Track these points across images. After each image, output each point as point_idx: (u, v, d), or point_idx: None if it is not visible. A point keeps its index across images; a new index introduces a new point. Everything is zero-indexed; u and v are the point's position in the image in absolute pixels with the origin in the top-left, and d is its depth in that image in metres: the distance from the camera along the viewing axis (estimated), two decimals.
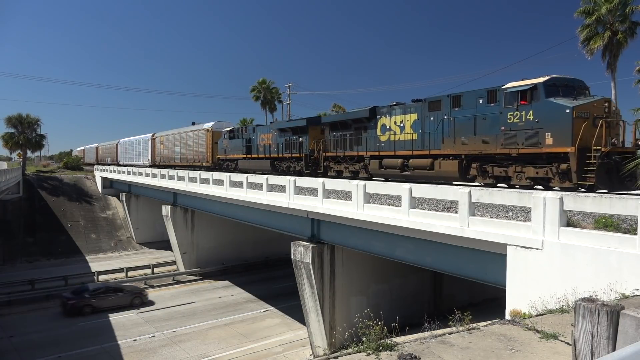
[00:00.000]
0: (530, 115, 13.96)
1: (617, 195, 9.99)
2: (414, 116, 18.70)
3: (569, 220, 9.78)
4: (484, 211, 12.24)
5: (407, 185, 13.37)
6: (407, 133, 18.90)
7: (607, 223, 9.24)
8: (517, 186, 14.57)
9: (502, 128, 14.74)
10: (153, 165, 48.14)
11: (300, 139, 25.84)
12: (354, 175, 21.90)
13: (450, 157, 16.80)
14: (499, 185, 15.38)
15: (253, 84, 60.31)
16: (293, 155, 26.34)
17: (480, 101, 15.71)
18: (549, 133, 13.40)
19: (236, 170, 32.19)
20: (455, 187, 13.53)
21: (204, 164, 38.62)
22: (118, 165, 57.84)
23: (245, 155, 31.53)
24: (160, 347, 20.81)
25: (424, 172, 17.72)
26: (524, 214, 11.32)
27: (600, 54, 29.19)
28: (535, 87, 13.89)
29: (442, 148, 17.09)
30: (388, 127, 20.02)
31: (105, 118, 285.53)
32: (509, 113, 14.55)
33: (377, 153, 20.42)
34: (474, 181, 16.24)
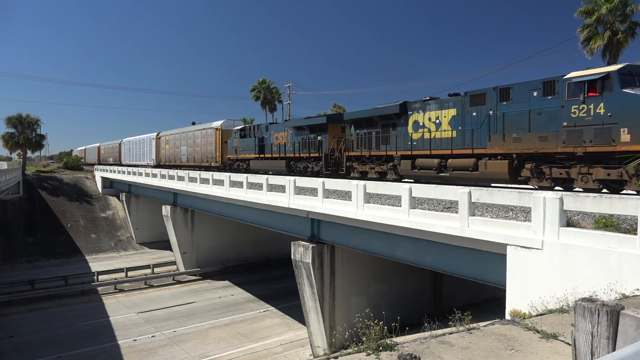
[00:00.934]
0: (600, 109, 12.22)
1: (617, 195, 9.98)
2: (452, 112, 16.95)
3: (569, 220, 9.78)
4: (484, 211, 12.24)
5: (406, 185, 13.36)
6: (445, 130, 17.14)
7: (607, 223, 9.23)
8: (582, 189, 13.22)
9: (565, 123, 12.99)
10: (158, 166, 46.61)
11: (319, 137, 24.29)
12: (381, 177, 20.33)
13: (499, 157, 15.07)
14: (556, 188, 14.00)
15: (253, 84, 60.40)
16: (311, 155, 24.83)
17: (535, 94, 14.04)
18: (625, 129, 11.66)
19: (248, 170, 30.50)
20: (455, 187, 13.51)
21: (212, 164, 36.96)
22: (121, 165, 56.51)
23: (257, 155, 29.92)
24: (160, 347, 20.80)
25: (466, 173, 16.05)
26: (524, 214, 11.32)
27: (600, 54, 29.21)
28: (607, 76, 12.14)
29: (489, 146, 15.33)
30: (421, 124, 18.25)
31: (105, 118, 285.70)
32: (573, 106, 12.83)
33: (409, 152, 18.67)
34: (526, 183, 14.58)
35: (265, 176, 21.41)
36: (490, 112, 15.42)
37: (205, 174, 27.66)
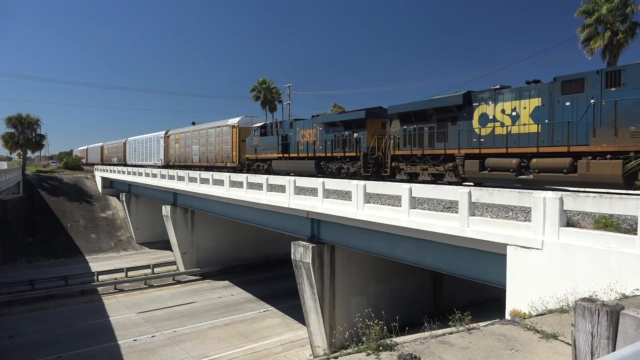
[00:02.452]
0: None
1: (617, 195, 9.98)
2: (535, 102, 14.49)
3: (569, 220, 9.79)
4: (484, 211, 12.25)
5: (407, 185, 13.36)
6: (525, 124, 14.64)
7: (607, 223, 9.24)
8: None
9: None
10: (167, 166, 44.35)
11: (356, 134, 21.93)
12: (437, 179, 17.90)
13: (608, 156, 12.49)
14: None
15: (253, 84, 60.41)
16: (346, 154, 22.39)
17: None
18: None
19: (269, 172, 28.16)
20: (455, 187, 13.52)
21: (228, 165, 34.39)
22: (126, 165, 54.11)
23: (281, 155, 27.36)
24: (160, 347, 20.80)
25: (558, 175, 13.58)
26: (524, 214, 11.32)
27: (600, 54, 29.23)
28: None
29: (592, 143, 12.79)
30: (491, 117, 15.79)
31: (105, 118, 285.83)
32: None
33: (476, 151, 16.13)
34: None
35: (265, 176, 21.38)
36: (593, 100, 12.93)
37: (205, 174, 27.64)
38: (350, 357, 5.61)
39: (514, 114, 15.18)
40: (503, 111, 15.52)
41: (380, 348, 5.53)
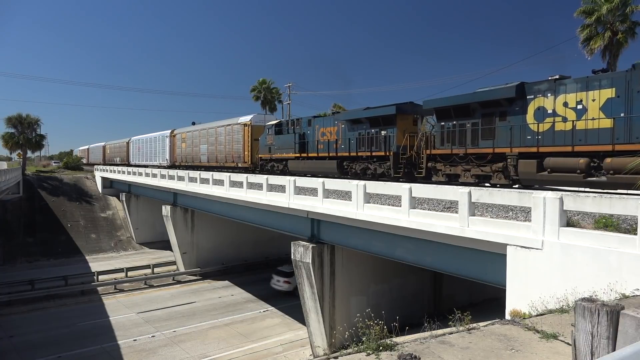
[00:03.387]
0: None
1: (617, 195, 9.98)
2: (607, 93, 12.80)
3: (569, 220, 9.79)
4: (484, 211, 12.25)
5: (406, 185, 13.36)
6: (594, 118, 12.96)
7: (607, 223, 9.24)
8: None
9: None
10: (173, 166, 42.78)
11: (384, 132, 20.19)
12: (481, 181, 16.34)
13: None
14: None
15: (253, 84, 60.34)
16: (374, 153, 20.68)
17: None
18: None
19: (285, 172, 26.72)
20: (455, 187, 13.52)
21: (239, 165, 32.55)
22: (129, 165, 52.75)
23: (298, 155, 25.75)
24: (160, 347, 20.80)
25: None
26: (524, 214, 11.33)
27: (600, 54, 29.19)
28: None
29: None
30: (550, 111, 14.07)
31: (104, 118, 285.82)
32: None
33: (533, 149, 14.36)
34: None
35: (265, 176, 21.35)
36: None
37: (205, 174, 27.63)
38: (350, 357, 5.61)
39: (579, 107, 13.35)
40: (565, 104, 13.73)
41: (380, 348, 5.53)
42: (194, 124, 43.48)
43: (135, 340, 21.69)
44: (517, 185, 15.08)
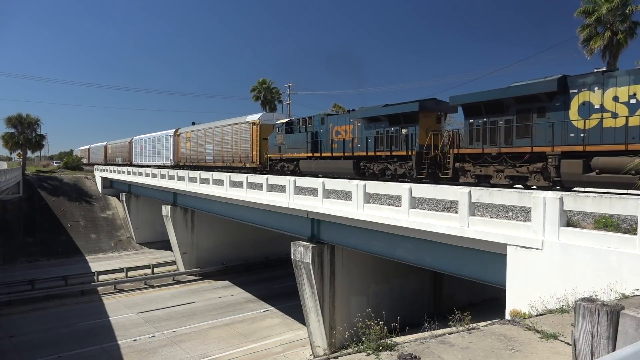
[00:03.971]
0: None
1: (617, 195, 9.98)
2: None
3: (569, 220, 9.79)
4: (484, 211, 12.25)
5: (407, 185, 13.36)
6: None
7: (607, 223, 9.24)
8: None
9: None
10: (177, 167, 41.72)
11: (405, 130, 19.13)
12: (516, 182, 15.19)
13: None
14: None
15: (253, 84, 60.32)
16: (394, 153, 19.58)
17: None
18: None
19: (295, 173, 25.69)
20: (455, 187, 13.52)
21: (247, 165, 31.38)
22: (131, 165, 51.88)
23: (310, 154, 24.63)
24: (160, 347, 20.81)
25: None
26: (524, 214, 11.33)
27: (600, 54, 29.20)
28: None
29: None
30: (597, 106, 13.04)
31: (104, 118, 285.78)
32: None
33: (578, 148, 13.19)
34: None
35: (265, 176, 21.33)
36: None
37: (205, 174, 27.63)
38: (350, 357, 5.61)
39: (632, 101, 12.28)
40: (616, 99, 12.62)
41: (380, 348, 5.53)
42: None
43: (135, 340, 21.69)
44: (558, 188, 13.94)
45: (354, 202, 15.18)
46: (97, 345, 21.05)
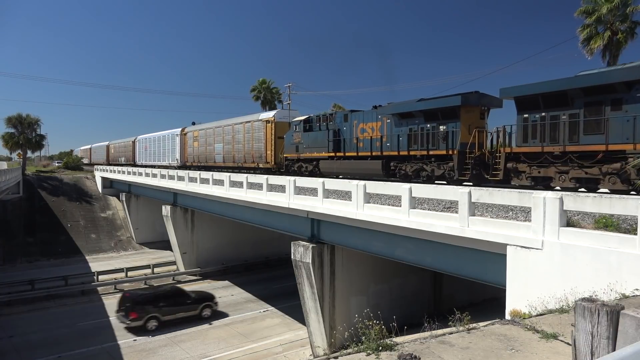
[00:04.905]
0: None
1: (617, 195, 9.99)
2: None
3: (569, 220, 9.79)
4: (484, 211, 12.25)
5: (407, 185, 13.36)
6: None
7: (607, 223, 9.24)
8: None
9: None
10: (183, 167, 40.44)
11: (443, 127, 17.45)
12: (583, 185, 13.34)
13: None
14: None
15: (253, 84, 60.31)
16: (431, 152, 17.90)
17: None
18: None
19: (314, 174, 24.17)
20: (455, 187, 13.52)
21: (261, 166, 29.75)
22: (135, 166, 50.73)
23: (332, 154, 22.93)
24: (160, 347, 20.81)
25: None
26: (524, 214, 11.33)
27: (600, 53, 29.18)
28: None
29: None
30: None
31: (105, 118, 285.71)
32: None
33: None
34: None
35: (265, 176, 21.32)
36: None
37: (205, 174, 27.63)
38: (350, 357, 5.61)
39: None
40: None
41: (380, 348, 5.54)
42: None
43: (135, 340, 21.69)
44: (633, 192, 12.17)
45: (354, 202, 15.18)
46: (97, 345, 21.05)
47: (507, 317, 8.77)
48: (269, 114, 30.08)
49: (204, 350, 20.52)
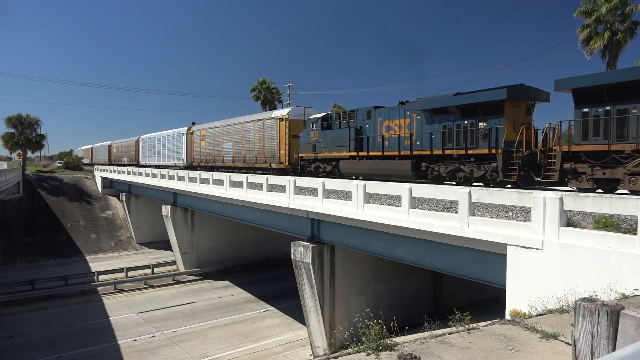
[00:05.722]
0: None
1: (617, 195, 9.99)
2: None
3: (569, 220, 9.79)
4: (484, 211, 12.25)
5: (407, 185, 13.36)
6: None
7: (607, 223, 9.24)
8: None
9: None
10: (190, 167, 39.19)
11: (483, 123, 15.75)
12: None
13: None
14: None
15: (253, 84, 60.32)
16: (470, 151, 16.14)
17: None
18: None
19: (331, 175, 22.81)
20: (455, 187, 13.52)
21: (274, 166, 28.32)
22: (138, 166, 49.52)
23: (354, 153, 21.45)
24: (160, 347, 20.81)
25: None
26: (524, 214, 11.33)
27: (600, 53, 29.21)
28: None
29: None
30: None
31: (105, 118, 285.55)
32: None
33: None
34: None
35: (265, 176, 21.31)
36: None
37: (205, 174, 27.63)
38: (350, 357, 5.61)
39: None
40: None
41: (380, 348, 5.54)
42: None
43: (135, 340, 21.69)
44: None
45: (354, 202, 15.18)
46: (97, 345, 21.05)
47: (507, 317, 8.78)
48: (283, 112, 28.51)
49: (204, 350, 20.52)
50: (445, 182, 16.83)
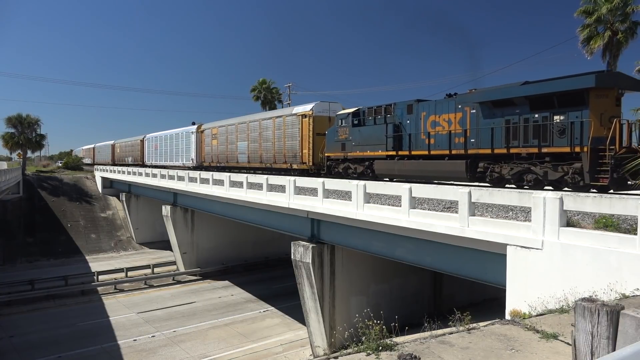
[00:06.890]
0: None
1: (617, 195, 9.98)
2: None
3: (569, 220, 9.78)
4: (484, 211, 12.24)
5: (407, 185, 13.35)
6: None
7: (607, 223, 9.23)
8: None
9: None
10: (200, 167, 37.09)
11: (560, 117, 13.15)
12: None
13: None
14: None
15: (253, 84, 60.33)
16: (543, 150, 13.49)
17: None
18: None
19: (363, 176, 20.41)
20: (455, 187, 13.52)
21: (295, 167, 25.95)
22: (143, 166, 47.49)
23: (392, 152, 18.97)
24: (160, 347, 20.81)
25: None
26: (524, 214, 11.32)
27: (600, 53, 29.19)
28: None
29: None
30: None
31: (105, 118, 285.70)
32: None
33: None
34: None
35: (265, 176, 21.29)
36: None
37: (205, 174, 27.63)
38: (350, 357, 5.61)
39: None
40: None
41: (380, 348, 5.53)
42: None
43: (135, 340, 21.69)
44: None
45: (354, 202, 15.17)
46: (97, 345, 21.05)
47: (507, 317, 8.77)
48: (306, 107, 25.90)
49: (204, 350, 20.52)
50: (507, 185, 14.73)
